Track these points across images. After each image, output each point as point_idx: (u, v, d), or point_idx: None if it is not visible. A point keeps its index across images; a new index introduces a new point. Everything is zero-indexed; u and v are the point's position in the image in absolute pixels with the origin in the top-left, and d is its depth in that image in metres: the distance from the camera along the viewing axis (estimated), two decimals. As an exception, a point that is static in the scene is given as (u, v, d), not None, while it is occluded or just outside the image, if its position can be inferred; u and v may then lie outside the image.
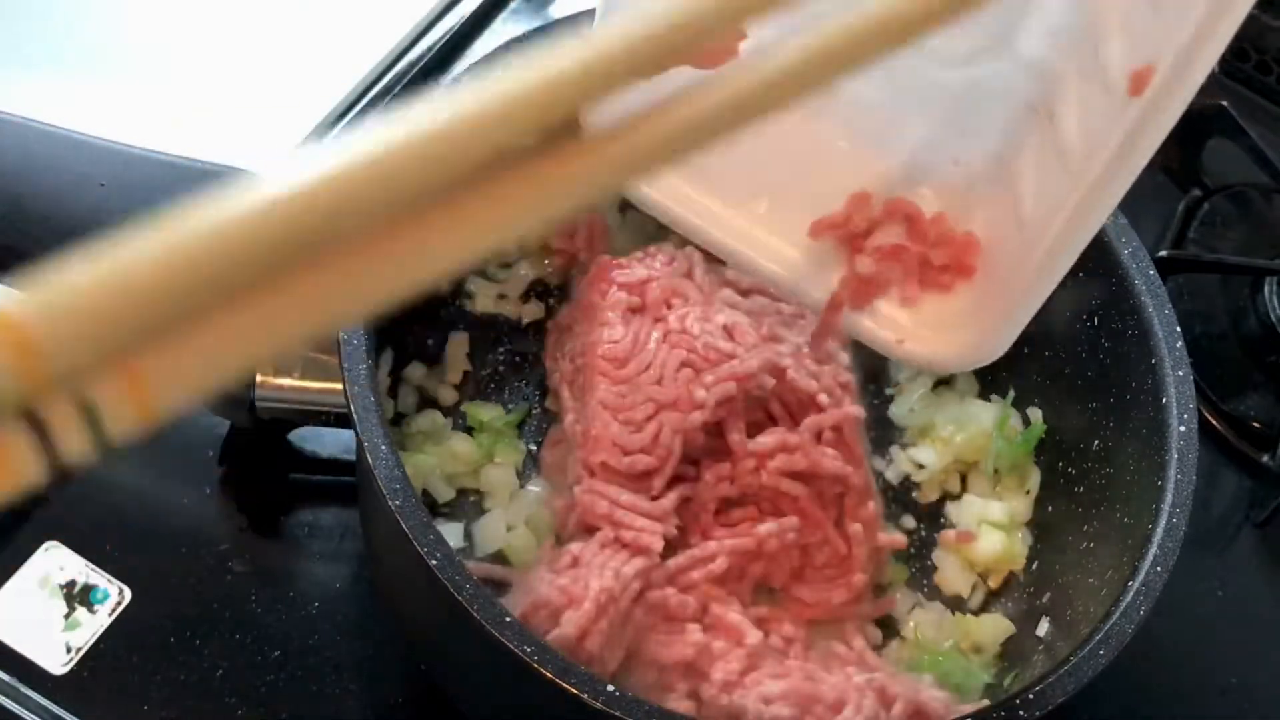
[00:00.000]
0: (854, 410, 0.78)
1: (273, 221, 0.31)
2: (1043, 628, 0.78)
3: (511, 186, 0.36)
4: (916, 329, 0.64)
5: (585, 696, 0.59)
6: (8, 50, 0.94)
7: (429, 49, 1.00)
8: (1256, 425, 0.97)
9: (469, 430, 0.81)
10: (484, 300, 0.85)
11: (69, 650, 0.75)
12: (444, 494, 0.79)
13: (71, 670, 0.75)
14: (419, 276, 0.35)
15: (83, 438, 0.30)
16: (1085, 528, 0.78)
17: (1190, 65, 0.50)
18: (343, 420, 0.75)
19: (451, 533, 0.77)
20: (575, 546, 0.72)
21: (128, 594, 0.77)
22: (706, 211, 0.66)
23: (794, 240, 0.65)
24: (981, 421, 0.85)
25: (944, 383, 0.88)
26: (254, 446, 0.83)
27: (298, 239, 0.32)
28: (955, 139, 0.62)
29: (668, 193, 0.67)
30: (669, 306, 0.79)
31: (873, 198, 0.63)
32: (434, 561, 0.61)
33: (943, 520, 0.85)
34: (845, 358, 0.80)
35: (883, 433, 0.87)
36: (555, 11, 1.05)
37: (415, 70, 0.99)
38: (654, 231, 0.88)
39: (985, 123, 0.61)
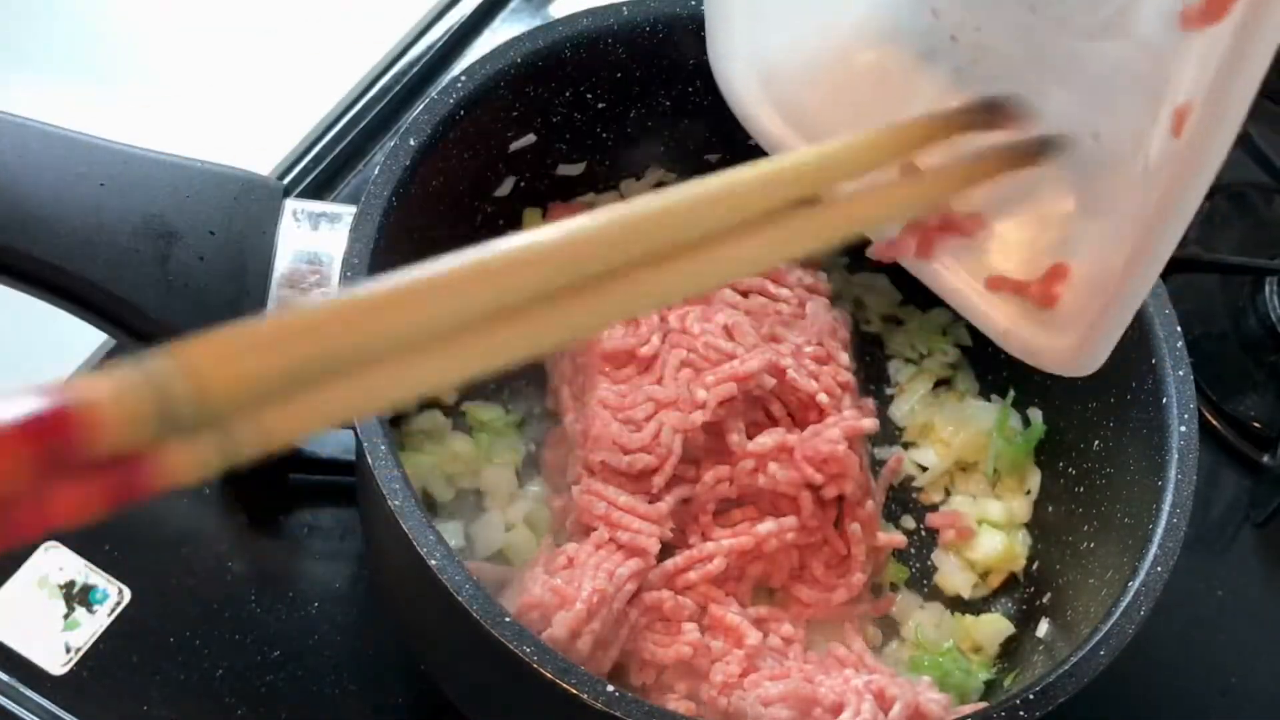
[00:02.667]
0: (866, 424, 0.77)
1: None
2: (1043, 628, 0.78)
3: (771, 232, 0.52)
4: (1022, 322, 0.63)
5: (585, 696, 0.59)
6: (8, 49, 0.94)
7: (429, 49, 1.01)
8: (1256, 425, 0.97)
9: (469, 430, 0.81)
10: (484, 300, 0.85)
11: (69, 650, 0.75)
12: (444, 494, 0.79)
13: (71, 670, 0.75)
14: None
15: (218, 455, 0.39)
16: (1085, 528, 0.78)
17: (1218, 108, 0.49)
18: (342, 420, 0.75)
19: (451, 533, 0.77)
20: (570, 547, 0.72)
21: (127, 594, 0.77)
22: None
23: None
24: (981, 422, 0.85)
25: (944, 383, 0.88)
26: (254, 446, 0.83)
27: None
28: (1099, 113, 0.60)
29: (794, 139, 0.68)
30: (669, 306, 0.79)
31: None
32: (434, 561, 0.61)
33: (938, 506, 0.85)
34: (845, 358, 0.80)
35: (883, 433, 0.87)
36: (555, 11, 1.05)
37: (415, 70, 0.99)
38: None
39: (1126, 105, 0.58)
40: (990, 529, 0.83)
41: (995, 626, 0.80)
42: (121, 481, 0.38)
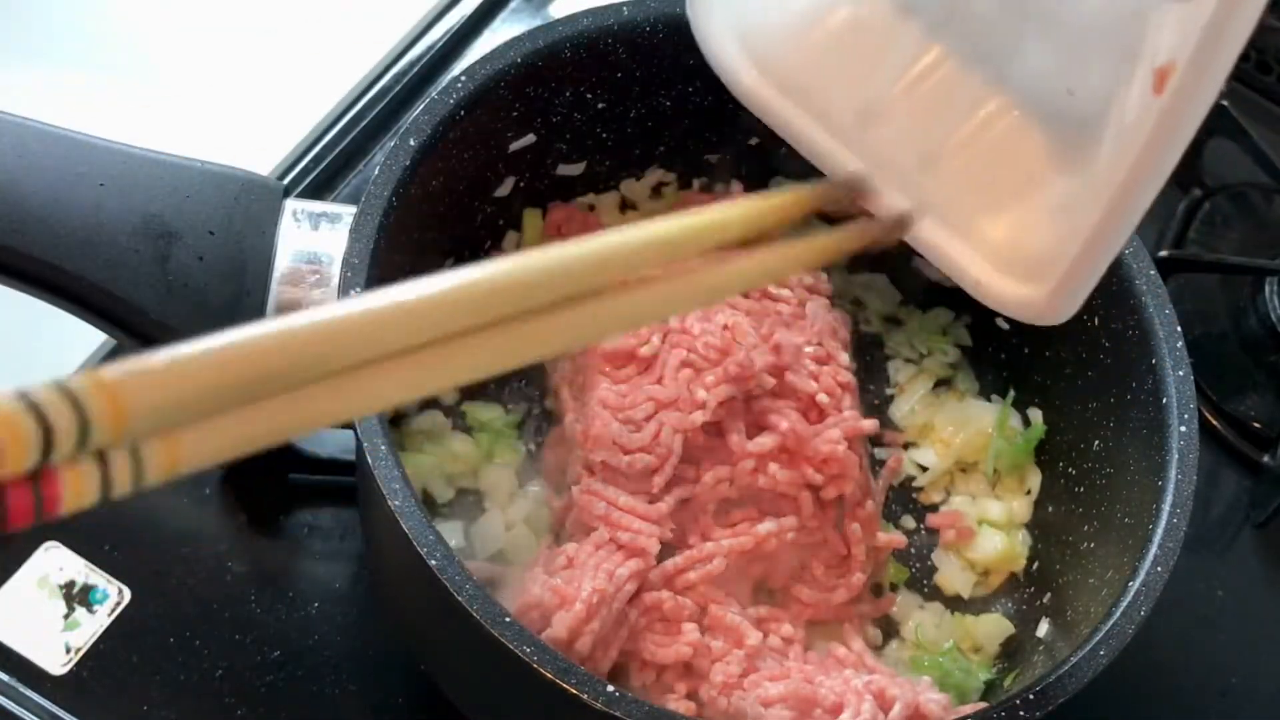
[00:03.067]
0: (866, 425, 0.77)
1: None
2: (1043, 628, 0.78)
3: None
4: (995, 273, 0.63)
5: (585, 696, 0.59)
6: (7, 49, 0.94)
7: (429, 49, 1.01)
8: (1256, 425, 0.97)
9: (469, 430, 0.81)
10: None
11: (69, 650, 0.75)
12: (444, 494, 0.79)
13: (71, 670, 0.75)
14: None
15: (127, 478, 0.41)
16: (1085, 528, 0.78)
17: (1202, 69, 0.49)
18: (342, 420, 0.75)
19: (451, 533, 0.77)
20: (570, 547, 0.72)
21: (127, 594, 0.77)
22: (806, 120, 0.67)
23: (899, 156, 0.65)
24: (981, 422, 0.85)
25: (944, 383, 0.88)
26: (254, 446, 0.83)
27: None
28: (1075, 69, 0.61)
29: (773, 95, 0.68)
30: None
31: None
32: (434, 561, 0.61)
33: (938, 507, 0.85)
34: (845, 358, 0.80)
35: (883, 433, 0.87)
36: (555, 11, 1.05)
37: (415, 70, 0.99)
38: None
39: (1102, 61, 0.59)
40: (990, 529, 0.83)
41: (995, 626, 0.80)
42: (20, 499, 0.38)
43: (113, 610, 0.77)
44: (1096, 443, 0.79)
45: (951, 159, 0.65)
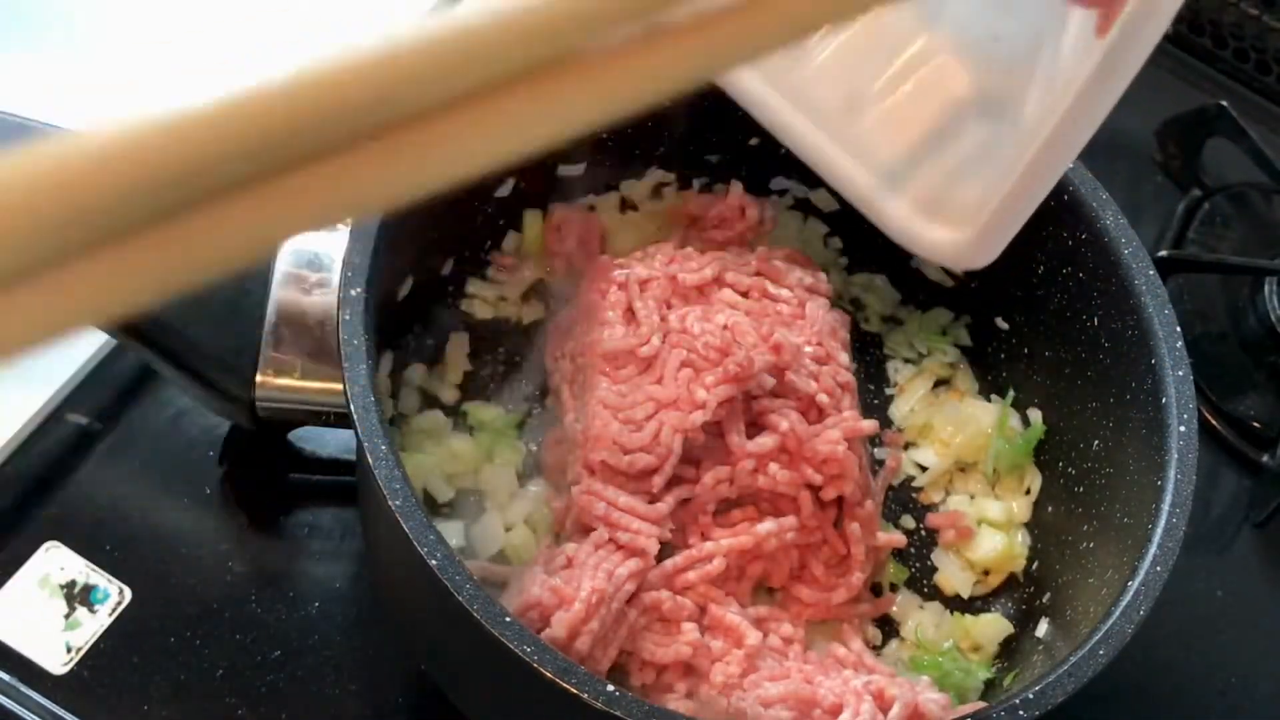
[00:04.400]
0: (866, 425, 0.78)
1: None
2: (1042, 628, 0.78)
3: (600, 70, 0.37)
4: (918, 219, 0.63)
5: (585, 696, 0.59)
6: (7, 47, 0.94)
7: (429, 49, 1.00)
8: (1256, 425, 0.97)
9: (469, 430, 0.82)
10: (484, 301, 0.85)
11: (69, 650, 0.75)
12: (444, 494, 0.79)
13: (71, 670, 0.75)
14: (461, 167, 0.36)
15: None
16: (1085, 528, 0.78)
17: (1150, 10, 0.49)
18: (343, 420, 0.75)
19: (451, 533, 0.77)
20: (570, 547, 0.72)
21: (128, 594, 0.77)
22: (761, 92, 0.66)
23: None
24: (981, 422, 0.85)
25: (944, 383, 0.89)
26: (254, 446, 0.83)
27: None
28: (998, 14, 0.60)
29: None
30: (669, 306, 0.79)
31: None
32: (434, 561, 0.61)
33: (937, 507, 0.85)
34: (845, 358, 0.80)
35: (882, 433, 0.87)
36: (555, 11, 1.05)
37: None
38: (654, 231, 0.88)
39: (1026, 5, 0.59)
40: (990, 529, 0.83)
41: (995, 626, 0.80)
42: None
43: (113, 610, 0.77)
44: (1096, 443, 0.79)
45: (877, 102, 0.64)
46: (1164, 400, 0.73)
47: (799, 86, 0.65)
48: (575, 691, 0.59)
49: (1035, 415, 0.85)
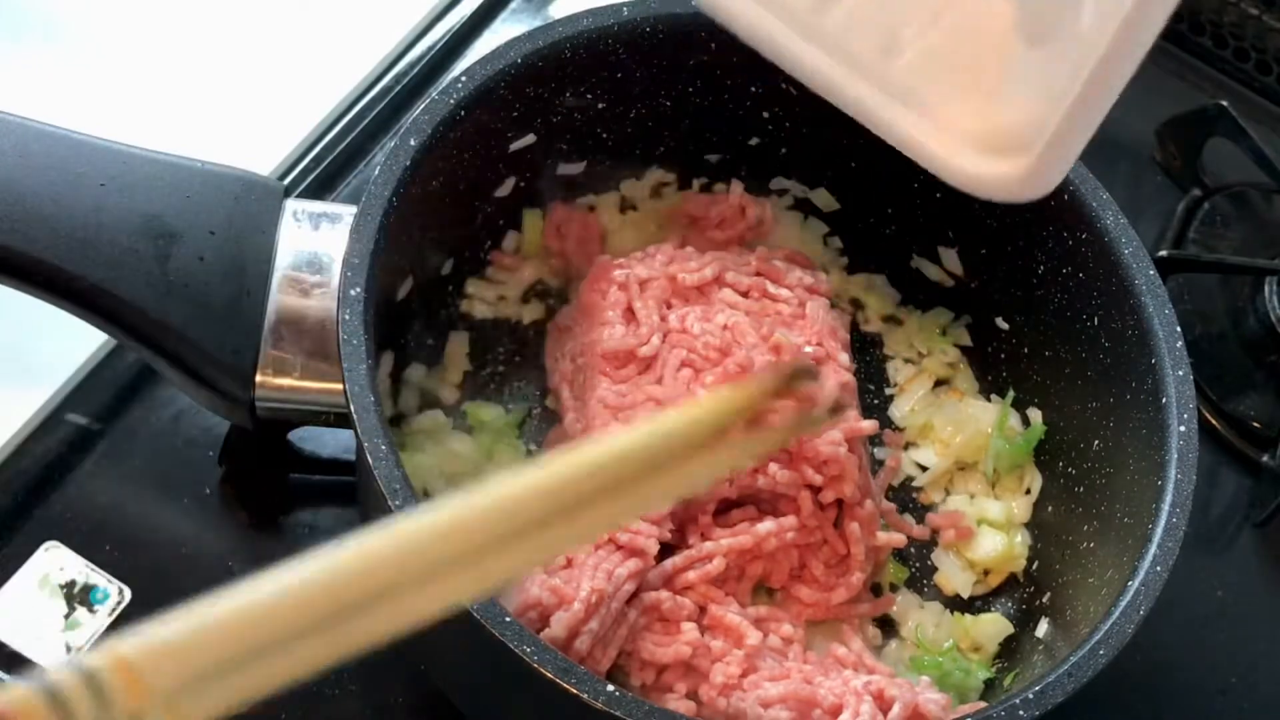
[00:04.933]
0: (866, 426, 0.77)
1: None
2: (1042, 628, 0.78)
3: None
4: (971, 153, 0.62)
5: (585, 696, 0.59)
6: (7, 46, 0.94)
7: (429, 49, 1.00)
8: (1256, 425, 0.97)
9: (469, 430, 0.81)
10: (484, 301, 0.85)
11: (69, 650, 0.75)
12: (444, 494, 0.79)
13: (71, 670, 0.74)
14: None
15: None
16: (1085, 528, 0.78)
17: None
18: (343, 420, 0.75)
19: (451, 533, 0.77)
20: (571, 547, 0.72)
21: (128, 594, 0.77)
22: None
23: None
24: (981, 422, 0.85)
25: (943, 383, 0.88)
26: (254, 446, 0.83)
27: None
28: None
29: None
30: (669, 306, 0.79)
31: None
32: (434, 561, 0.61)
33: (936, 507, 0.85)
34: (845, 358, 0.80)
35: (882, 433, 0.87)
36: (555, 11, 1.05)
37: (416, 70, 0.99)
38: (654, 231, 0.88)
39: None
40: (990, 529, 0.83)
41: (995, 626, 0.80)
42: None
43: (113, 610, 0.77)
44: (1096, 443, 0.79)
45: (916, 42, 0.64)
46: (1164, 400, 0.73)
47: (832, 34, 0.64)
48: (575, 691, 0.59)
49: (1035, 415, 0.85)
